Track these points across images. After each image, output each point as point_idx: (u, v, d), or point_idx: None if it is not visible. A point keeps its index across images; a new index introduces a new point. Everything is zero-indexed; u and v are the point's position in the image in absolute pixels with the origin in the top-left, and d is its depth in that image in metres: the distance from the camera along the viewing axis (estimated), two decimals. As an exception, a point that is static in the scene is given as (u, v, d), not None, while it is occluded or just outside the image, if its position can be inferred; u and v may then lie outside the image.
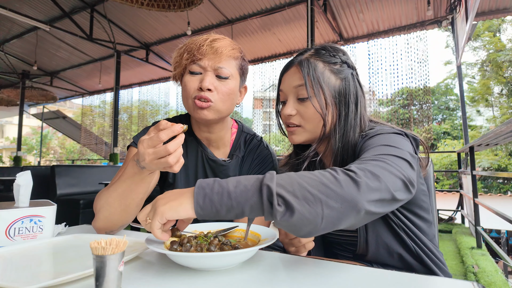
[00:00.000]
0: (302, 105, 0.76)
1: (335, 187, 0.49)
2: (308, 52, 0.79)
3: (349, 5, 5.15)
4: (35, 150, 24.23)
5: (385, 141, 0.64)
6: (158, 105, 10.35)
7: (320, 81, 0.74)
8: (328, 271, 0.56)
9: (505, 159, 13.19)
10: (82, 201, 3.47)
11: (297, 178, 0.51)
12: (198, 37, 0.87)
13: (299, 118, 0.77)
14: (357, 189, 0.49)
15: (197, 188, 0.52)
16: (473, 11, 3.14)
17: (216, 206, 0.50)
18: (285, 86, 0.80)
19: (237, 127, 1.05)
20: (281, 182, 0.50)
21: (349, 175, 0.51)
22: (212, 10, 5.73)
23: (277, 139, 9.81)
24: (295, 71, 0.78)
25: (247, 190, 0.50)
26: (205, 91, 0.84)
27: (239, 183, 0.51)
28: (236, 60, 0.89)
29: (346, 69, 0.78)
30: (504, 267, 2.88)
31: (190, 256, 0.53)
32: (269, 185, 0.49)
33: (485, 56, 15.61)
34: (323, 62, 0.76)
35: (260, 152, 1.01)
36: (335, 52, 0.79)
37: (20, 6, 5.90)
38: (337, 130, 0.75)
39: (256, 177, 0.52)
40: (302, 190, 0.49)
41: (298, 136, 0.79)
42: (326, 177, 0.51)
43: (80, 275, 0.50)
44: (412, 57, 5.35)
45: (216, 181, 0.53)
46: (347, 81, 0.77)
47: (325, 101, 0.74)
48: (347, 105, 0.76)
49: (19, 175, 0.77)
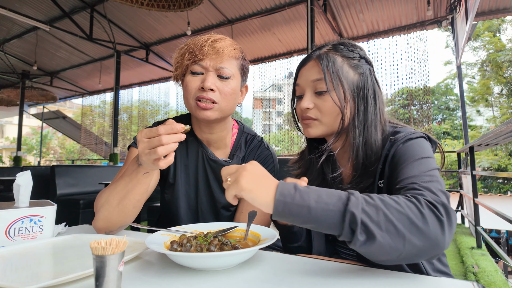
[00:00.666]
0: (319, 99, 0.76)
1: (421, 224, 0.49)
2: (326, 47, 0.79)
3: (349, 5, 5.15)
4: (35, 150, 24.23)
5: (421, 151, 0.66)
6: (158, 105, 10.35)
7: (339, 75, 0.74)
8: (328, 271, 0.56)
9: (505, 159, 13.19)
10: (82, 201, 3.47)
11: (382, 207, 0.50)
12: (200, 37, 0.87)
13: (316, 112, 0.77)
14: (441, 229, 0.49)
15: (278, 194, 0.52)
16: (473, 11, 3.14)
17: (294, 216, 0.52)
18: (302, 80, 0.80)
19: (238, 128, 1.05)
20: (367, 209, 0.50)
21: (433, 211, 0.51)
22: (212, 10, 5.73)
23: (277, 139, 9.82)
24: (314, 64, 0.77)
25: (328, 209, 0.50)
26: (207, 91, 0.84)
27: (320, 199, 0.51)
28: (237, 60, 0.90)
29: (364, 64, 0.78)
30: (504, 267, 2.88)
31: (190, 256, 0.54)
32: (354, 212, 0.49)
33: (485, 56, 15.61)
34: (341, 57, 0.77)
35: (261, 152, 1.02)
36: (353, 47, 0.79)
37: (20, 6, 5.90)
38: (356, 124, 0.75)
39: (339, 196, 0.52)
40: (387, 223, 0.49)
41: (314, 129, 0.78)
42: (412, 211, 0.50)
43: (80, 275, 0.50)
44: (412, 57, 5.36)
45: (297, 191, 0.52)
46: (365, 76, 0.77)
47: (343, 94, 0.74)
48: (366, 100, 0.76)
49: (19, 175, 0.77)
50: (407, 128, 0.76)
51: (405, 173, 0.62)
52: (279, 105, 22.63)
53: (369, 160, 0.73)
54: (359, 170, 0.75)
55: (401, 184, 0.61)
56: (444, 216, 0.50)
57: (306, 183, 0.66)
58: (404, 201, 0.52)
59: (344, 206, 0.50)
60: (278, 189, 0.53)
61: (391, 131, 0.77)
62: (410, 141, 0.70)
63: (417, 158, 0.65)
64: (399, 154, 0.68)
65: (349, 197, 0.51)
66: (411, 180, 0.60)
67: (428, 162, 0.64)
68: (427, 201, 0.52)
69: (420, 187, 0.57)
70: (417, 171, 0.61)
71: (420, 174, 0.61)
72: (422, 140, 0.71)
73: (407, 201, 0.52)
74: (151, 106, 10.83)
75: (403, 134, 0.71)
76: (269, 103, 21.86)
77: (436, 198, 0.53)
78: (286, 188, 0.53)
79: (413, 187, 0.57)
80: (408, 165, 0.64)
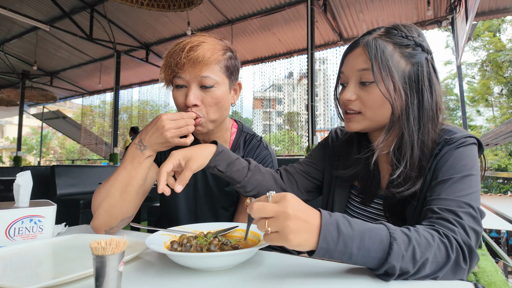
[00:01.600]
0: (364, 90, 0.70)
1: (449, 270, 0.53)
2: (377, 31, 0.71)
3: (349, 5, 5.15)
4: (35, 150, 24.24)
5: (470, 165, 0.64)
6: (158, 105, 10.36)
7: (388, 64, 0.67)
8: (328, 271, 0.56)
9: (505, 159, 13.19)
10: (82, 201, 3.47)
11: (418, 255, 0.51)
12: (177, 46, 0.83)
13: (359, 104, 0.71)
14: (461, 273, 0.53)
15: (321, 241, 0.49)
16: (473, 11, 3.14)
17: (334, 259, 0.52)
18: (347, 68, 0.73)
19: (237, 127, 1.04)
20: (406, 259, 0.50)
21: (458, 257, 0.53)
22: (212, 10, 5.73)
23: (277, 139, 9.82)
24: (361, 52, 0.70)
25: (369, 256, 0.50)
26: (191, 107, 0.82)
27: (362, 245, 0.50)
28: (219, 63, 0.84)
29: (420, 52, 0.69)
30: (504, 267, 2.88)
31: (190, 256, 0.53)
32: (395, 265, 0.49)
33: (485, 56, 15.61)
34: (393, 44, 0.68)
35: (259, 152, 1.01)
36: (409, 32, 0.70)
37: (20, 6, 5.90)
38: (411, 120, 0.68)
39: (381, 240, 0.50)
40: (419, 271, 0.51)
41: (356, 123, 0.72)
42: (441, 255, 0.52)
43: (80, 275, 0.50)
44: (412, 57, 5.35)
45: (340, 236, 0.49)
46: (420, 66, 0.68)
47: (393, 86, 0.67)
48: (421, 92, 0.68)
49: (19, 175, 0.77)
50: (458, 128, 0.71)
51: (444, 191, 0.61)
52: (279, 105, 22.63)
53: (425, 161, 0.68)
54: (414, 171, 0.68)
55: (438, 206, 0.60)
56: (468, 262, 0.53)
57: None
58: (438, 242, 0.53)
59: (386, 255, 0.49)
60: (321, 233, 0.49)
61: (442, 128, 0.71)
62: (462, 148, 0.66)
63: (463, 174, 0.62)
64: (449, 159, 0.65)
65: (392, 245, 0.50)
66: (448, 206, 0.59)
67: (471, 181, 0.62)
68: (458, 245, 0.54)
69: (455, 220, 0.57)
70: (457, 194, 0.60)
71: (459, 199, 0.60)
72: (474, 148, 0.67)
73: (440, 243, 0.53)
74: (151, 106, 10.83)
75: (459, 136, 0.67)
76: (269, 103, 21.84)
77: (466, 241, 0.55)
78: (329, 233, 0.49)
79: (447, 219, 0.57)
80: (452, 182, 0.62)
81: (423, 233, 0.53)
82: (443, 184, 0.62)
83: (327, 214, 0.51)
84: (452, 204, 0.59)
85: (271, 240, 0.49)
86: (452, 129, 0.70)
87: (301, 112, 8.42)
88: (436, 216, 0.58)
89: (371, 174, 0.78)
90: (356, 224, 0.51)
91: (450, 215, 0.57)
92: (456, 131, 0.69)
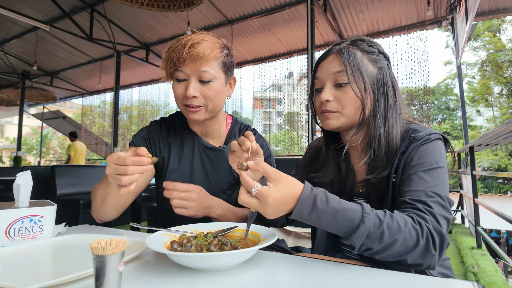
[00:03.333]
0: (340, 91, 0.78)
1: (418, 254, 0.58)
2: (346, 42, 0.82)
3: (349, 5, 5.14)
4: (35, 150, 24.23)
5: (436, 158, 0.70)
6: (158, 105, 10.35)
7: (360, 67, 0.77)
8: (328, 271, 0.56)
9: (505, 159, 13.18)
10: (82, 201, 3.47)
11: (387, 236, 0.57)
12: (178, 42, 0.89)
13: (336, 104, 0.79)
14: (435, 256, 0.59)
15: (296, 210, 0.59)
16: (473, 11, 3.14)
17: (307, 223, 0.61)
18: (322, 73, 0.82)
19: (232, 119, 1.12)
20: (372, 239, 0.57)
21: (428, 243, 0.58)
22: (212, 10, 5.73)
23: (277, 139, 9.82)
24: (334, 58, 0.80)
25: (338, 229, 0.59)
26: (191, 98, 0.90)
27: (333, 220, 0.59)
28: (217, 60, 0.92)
29: (383, 59, 0.81)
30: (504, 267, 2.88)
31: (190, 256, 0.53)
32: (355, 243, 0.58)
33: (485, 56, 15.60)
34: (361, 51, 0.79)
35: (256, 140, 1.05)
36: (372, 43, 0.83)
37: (20, 6, 5.89)
38: (378, 116, 0.77)
39: (351, 221, 0.58)
40: (385, 251, 0.58)
41: (334, 121, 0.79)
42: (412, 240, 0.58)
43: (80, 275, 0.50)
44: (412, 57, 5.35)
45: (314, 209, 0.59)
46: (384, 71, 0.80)
47: (364, 86, 0.77)
48: (386, 93, 0.79)
49: (19, 175, 0.77)
50: (423, 126, 0.78)
51: (414, 184, 0.67)
52: (279, 105, 22.61)
53: (390, 151, 0.76)
54: (381, 160, 0.76)
55: (409, 198, 0.65)
56: (437, 248, 0.58)
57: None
58: (410, 228, 0.58)
59: (351, 233, 0.58)
60: (297, 205, 0.59)
61: (407, 127, 0.79)
62: (427, 144, 0.72)
63: (430, 167, 0.69)
64: (414, 155, 0.71)
65: (359, 227, 0.57)
66: (419, 197, 0.65)
67: (439, 173, 0.68)
68: (428, 231, 0.59)
69: (425, 209, 0.62)
70: (427, 185, 0.66)
71: (429, 190, 0.65)
72: (439, 143, 0.74)
73: (412, 229, 0.59)
74: (151, 106, 10.82)
75: (423, 134, 0.74)
76: (269, 103, 21.83)
77: (437, 227, 0.60)
78: (305, 205, 0.59)
79: (419, 208, 0.63)
80: (419, 174, 0.68)
81: (397, 218, 0.59)
82: (412, 177, 0.69)
83: (309, 188, 0.60)
84: (422, 195, 0.65)
85: (250, 201, 0.60)
86: (418, 128, 0.77)
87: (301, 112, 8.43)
88: (409, 206, 0.64)
89: (343, 174, 0.86)
90: (333, 202, 0.59)
91: (420, 205, 0.63)
92: (421, 129, 0.76)
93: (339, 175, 0.87)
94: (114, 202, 0.88)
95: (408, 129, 0.78)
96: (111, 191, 0.85)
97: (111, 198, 0.86)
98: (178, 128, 1.06)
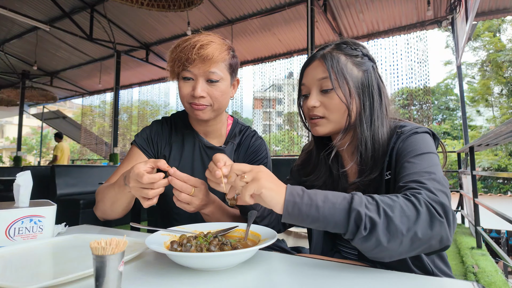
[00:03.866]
0: (326, 97, 0.78)
1: (424, 223, 0.53)
2: (329, 47, 0.82)
3: (349, 5, 5.14)
4: (35, 150, 24.23)
5: (424, 146, 0.69)
6: (158, 105, 10.35)
7: (343, 72, 0.77)
8: (328, 271, 0.56)
9: (505, 159, 13.18)
10: (82, 201, 3.47)
11: (383, 205, 0.54)
12: (187, 43, 0.90)
13: (323, 110, 0.79)
14: (444, 224, 0.53)
15: (287, 195, 0.56)
16: (473, 11, 3.14)
17: (303, 215, 0.56)
18: (308, 79, 0.82)
19: (233, 119, 1.14)
20: (369, 207, 0.54)
21: (430, 210, 0.54)
22: (212, 10, 5.73)
23: (277, 139, 9.81)
24: (318, 64, 0.80)
25: (335, 207, 0.55)
26: (198, 98, 0.91)
27: (327, 199, 0.56)
28: (224, 61, 0.94)
29: (367, 61, 0.81)
30: (504, 267, 2.88)
31: (190, 256, 0.54)
32: (359, 209, 0.53)
33: (485, 56, 15.60)
34: (345, 55, 0.79)
35: (255, 141, 1.09)
36: (356, 45, 0.82)
37: (20, 6, 5.89)
38: (364, 119, 0.77)
39: (344, 196, 0.56)
40: (387, 220, 0.52)
41: (322, 127, 0.80)
42: (409, 209, 0.54)
43: (80, 275, 0.50)
44: (412, 57, 5.35)
45: (305, 192, 0.57)
46: (369, 73, 0.79)
47: (349, 91, 0.76)
48: (371, 96, 0.78)
49: (19, 175, 0.77)
50: (412, 123, 0.78)
51: (406, 169, 0.66)
52: (279, 105, 22.60)
53: (377, 154, 0.76)
54: (368, 163, 0.76)
55: (402, 182, 0.63)
56: (443, 216, 0.54)
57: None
58: (403, 200, 0.55)
59: (349, 204, 0.54)
60: (287, 190, 0.57)
61: (397, 125, 0.79)
62: (414, 135, 0.72)
63: (420, 153, 0.68)
64: (403, 147, 0.71)
65: (353, 197, 0.55)
66: (411, 178, 0.62)
67: (429, 157, 0.67)
68: (425, 200, 0.55)
69: (419, 186, 0.59)
70: (418, 167, 0.65)
71: (421, 171, 0.63)
72: (426, 135, 0.74)
73: (406, 200, 0.55)
74: (151, 106, 10.83)
75: (409, 128, 0.74)
76: (269, 103, 21.82)
77: (434, 198, 0.56)
78: (294, 190, 0.57)
79: (412, 187, 0.60)
80: (410, 160, 0.67)
81: (388, 195, 0.57)
82: (404, 165, 0.67)
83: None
84: (414, 176, 0.63)
85: (245, 186, 0.58)
86: (405, 124, 0.78)
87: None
88: (403, 189, 0.62)
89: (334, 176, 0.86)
90: (320, 190, 0.59)
91: (413, 183, 0.61)
92: (408, 125, 0.77)
93: (330, 178, 0.87)
94: (126, 206, 0.90)
95: (396, 125, 0.78)
96: (124, 196, 0.84)
97: (123, 201, 0.87)
98: (179, 127, 1.07)
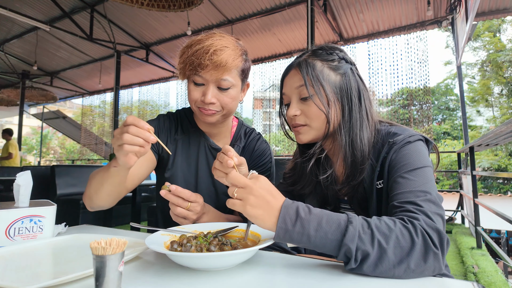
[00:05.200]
0: (305, 105, 0.78)
1: (418, 256, 0.52)
2: (305, 54, 0.82)
3: (349, 5, 5.14)
4: (35, 150, 24.22)
5: (418, 159, 0.68)
6: (158, 105, 10.33)
7: (319, 79, 0.76)
8: (328, 272, 0.56)
9: (505, 159, 13.18)
10: (82, 201, 3.47)
11: (378, 235, 0.53)
12: (200, 46, 0.86)
13: (304, 118, 0.79)
14: (439, 255, 0.53)
15: (280, 221, 0.55)
16: (473, 11, 3.14)
17: (294, 242, 0.56)
18: (287, 88, 0.82)
19: (238, 121, 1.13)
20: (363, 238, 0.52)
21: (426, 241, 0.53)
22: (212, 10, 5.73)
23: (277, 139, 9.81)
24: (295, 73, 0.80)
25: (327, 238, 0.53)
26: (208, 104, 0.89)
27: (320, 227, 0.54)
28: (237, 68, 0.91)
29: (345, 64, 0.80)
30: (504, 267, 2.88)
31: (190, 256, 0.53)
32: (350, 246, 0.52)
33: (485, 56, 15.60)
34: (321, 61, 0.79)
35: (260, 144, 1.10)
36: (332, 50, 0.81)
37: (20, 6, 5.89)
38: (342, 125, 0.77)
39: (338, 223, 0.54)
40: (382, 255, 0.52)
41: (305, 135, 0.80)
42: (405, 240, 0.53)
43: (80, 275, 0.50)
44: (412, 57, 5.35)
45: (298, 218, 0.55)
46: (347, 76, 0.78)
47: (326, 98, 0.76)
48: (350, 100, 0.77)
49: (19, 175, 0.77)
50: (403, 129, 0.77)
51: (401, 186, 0.65)
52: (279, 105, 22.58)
53: (357, 159, 0.75)
54: (348, 169, 0.76)
55: (398, 201, 0.63)
56: (439, 246, 0.53)
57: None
58: (400, 228, 0.54)
59: (342, 236, 0.53)
60: (280, 214, 0.56)
61: (387, 131, 0.77)
62: (408, 145, 0.71)
63: (414, 167, 0.67)
64: (397, 159, 0.70)
65: (347, 228, 0.53)
66: (407, 198, 0.62)
67: (424, 173, 0.66)
68: (422, 229, 0.54)
69: (416, 209, 0.58)
70: (413, 185, 0.64)
71: (416, 189, 0.63)
72: (420, 143, 0.73)
73: (403, 228, 0.54)
74: (151, 106, 10.81)
75: (402, 137, 0.73)
76: (269, 103, 21.80)
77: (431, 224, 0.55)
78: (288, 215, 0.56)
79: (409, 209, 0.59)
80: (404, 176, 0.66)
81: (385, 219, 0.56)
82: (398, 180, 0.66)
83: (289, 200, 0.58)
84: (410, 196, 0.62)
85: (233, 204, 0.58)
86: (397, 130, 0.76)
87: (301, 112, 8.40)
88: (399, 210, 0.61)
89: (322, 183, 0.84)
90: (316, 210, 0.57)
91: (410, 205, 0.60)
92: (400, 132, 0.75)
93: (319, 186, 0.86)
94: (111, 190, 0.83)
95: (387, 132, 0.76)
96: (109, 177, 0.79)
97: (108, 184, 0.81)
98: (185, 125, 1.06)
